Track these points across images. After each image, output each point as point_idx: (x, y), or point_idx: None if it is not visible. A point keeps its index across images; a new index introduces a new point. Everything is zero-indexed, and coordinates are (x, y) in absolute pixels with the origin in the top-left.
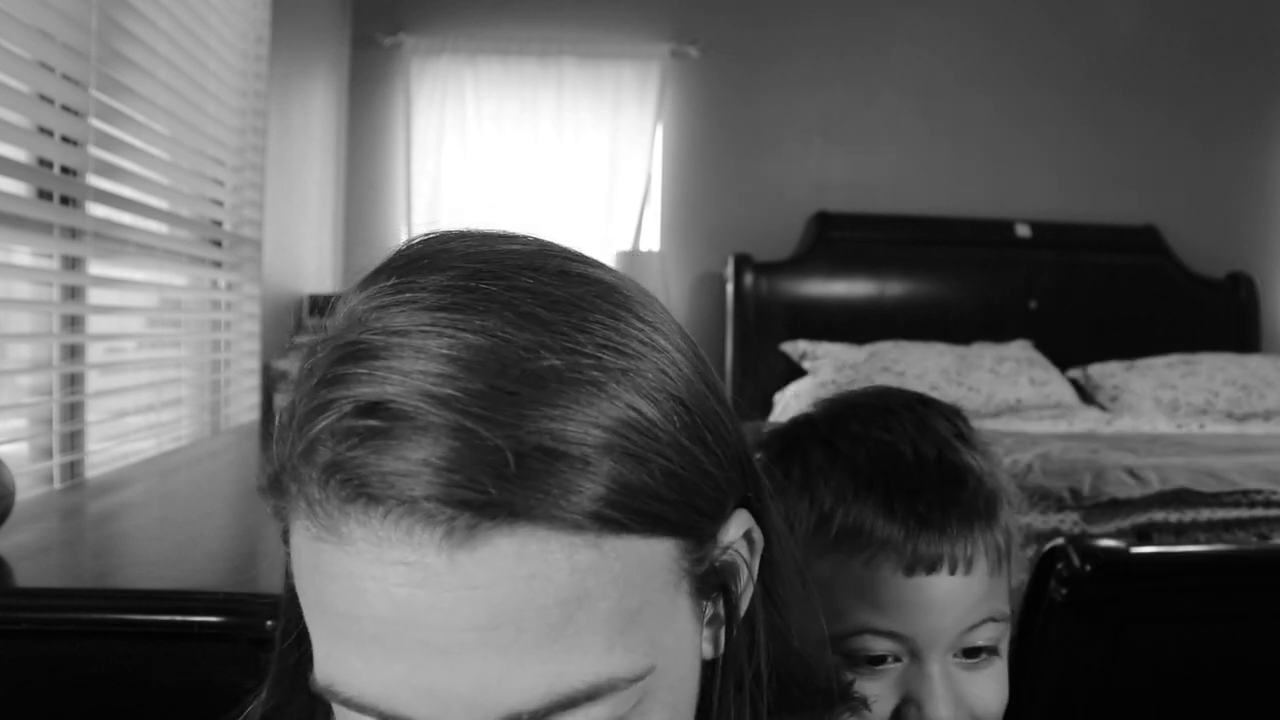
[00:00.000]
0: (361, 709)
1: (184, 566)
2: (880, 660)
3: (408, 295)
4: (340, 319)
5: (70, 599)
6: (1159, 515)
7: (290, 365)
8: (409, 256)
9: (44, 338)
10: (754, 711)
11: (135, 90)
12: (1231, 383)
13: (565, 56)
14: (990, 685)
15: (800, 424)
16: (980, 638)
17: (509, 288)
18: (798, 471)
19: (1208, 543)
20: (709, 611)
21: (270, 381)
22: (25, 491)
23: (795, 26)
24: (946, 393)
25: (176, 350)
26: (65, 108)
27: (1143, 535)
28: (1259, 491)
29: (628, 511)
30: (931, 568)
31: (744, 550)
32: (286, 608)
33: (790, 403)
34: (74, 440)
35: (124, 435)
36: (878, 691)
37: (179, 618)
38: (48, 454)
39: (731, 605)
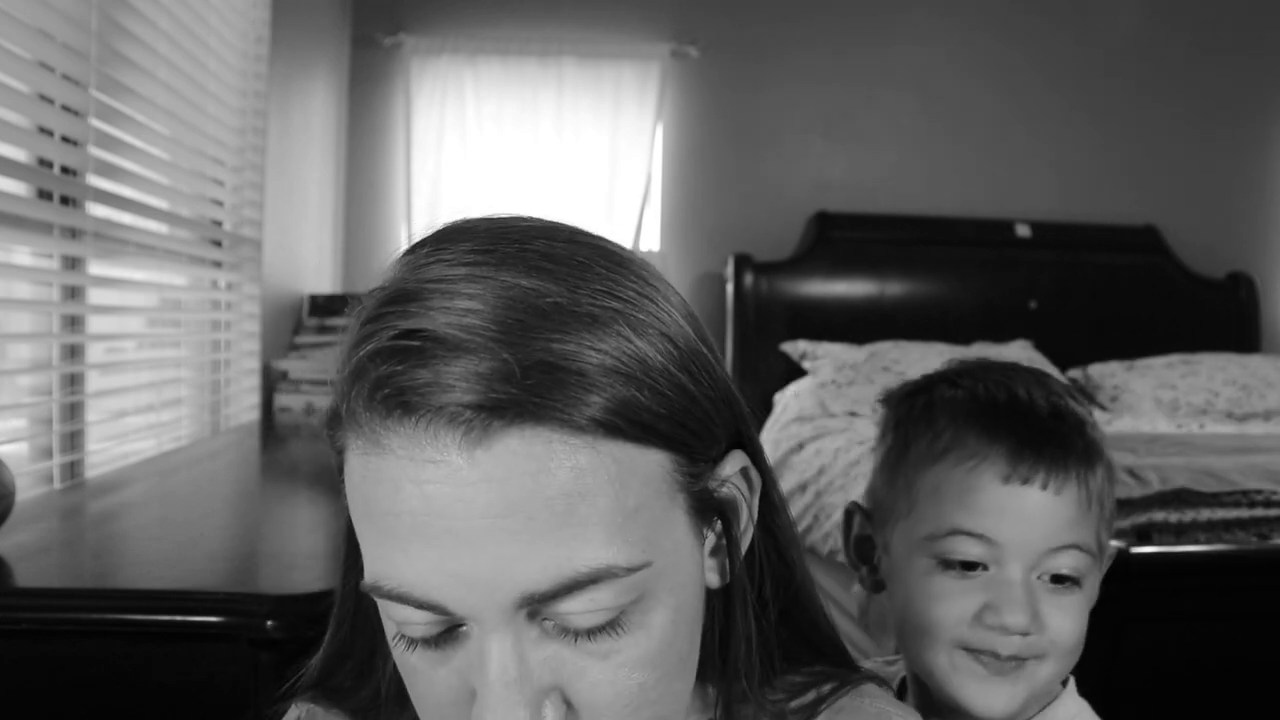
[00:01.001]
0: (402, 599)
1: (184, 567)
2: (971, 567)
3: (441, 257)
4: (384, 279)
5: (70, 599)
6: (1159, 515)
7: (291, 365)
8: (442, 231)
9: (44, 338)
10: (762, 635)
11: (135, 90)
12: (1231, 383)
13: (565, 56)
14: (1069, 613)
15: (933, 375)
16: (1064, 564)
17: (523, 249)
18: (922, 402)
19: (1208, 543)
20: (710, 540)
21: (270, 381)
22: (25, 491)
23: (795, 26)
24: None
25: (176, 350)
26: (65, 108)
27: (1142, 535)
28: (1259, 492)
29: (620, 419)
30: (1026, 480)
31: (742, 487)
32: (347, 557)
33: (790, 402)
34: (74, 440)
35: (124, 435)
36: (962, 594)
37: (179, 618)
38: (48, 454)
39: (732, 536)
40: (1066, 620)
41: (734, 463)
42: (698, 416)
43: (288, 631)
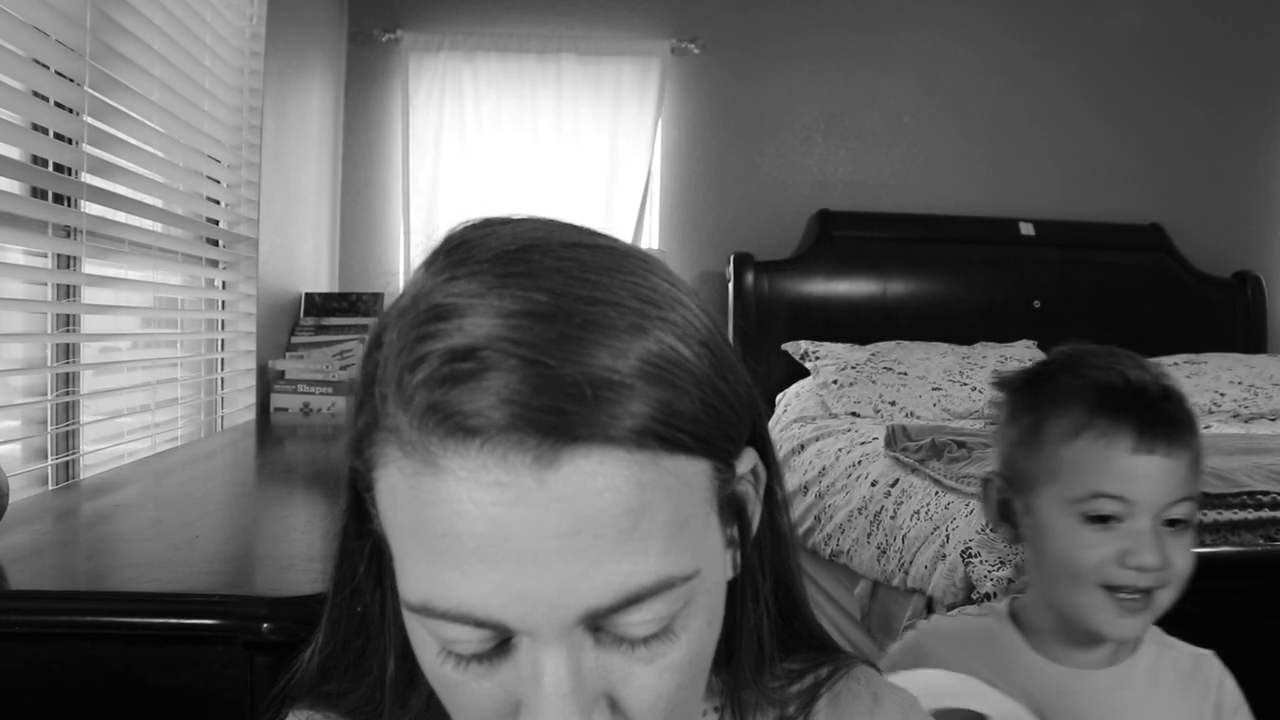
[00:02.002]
0: (459, 619)
1: (179, 569)
2: (1107, 519)
3: (472, 267)
4: (408, 296)
5: (64, 601)
6: None
7: (287, 365)
8: (461, 239)
9: (38, 337)
10: (768, 625)
11: (130, 87)
12: (1238, 383)
13: (565, 53)
14: (1184, 548)
15: (1041, 364)
16: (1180, 512)
17: (558, 258)
18: (1048, 390)
19: (1214, 545)
20: (727, 535)
21: (267, 381)
22: (19, 493)
23: (796, 23)
24: (950, 393)
25: (172, 350)
26: (59, 105)
27: None
28: (1266, 493)
29: (679, 432)
30: (1150, 450)
31: (753, 482)
32: (340, 564)
33: (792, 403)
34: (68, 441)
35: (119, 436)
36: (1104, 543)
37: (174, 620)
38: (42, 455)
39: (745, 526)
40: (1182, 554)
41: (748, 460)
42: (733, 422)
43: (285, 634)
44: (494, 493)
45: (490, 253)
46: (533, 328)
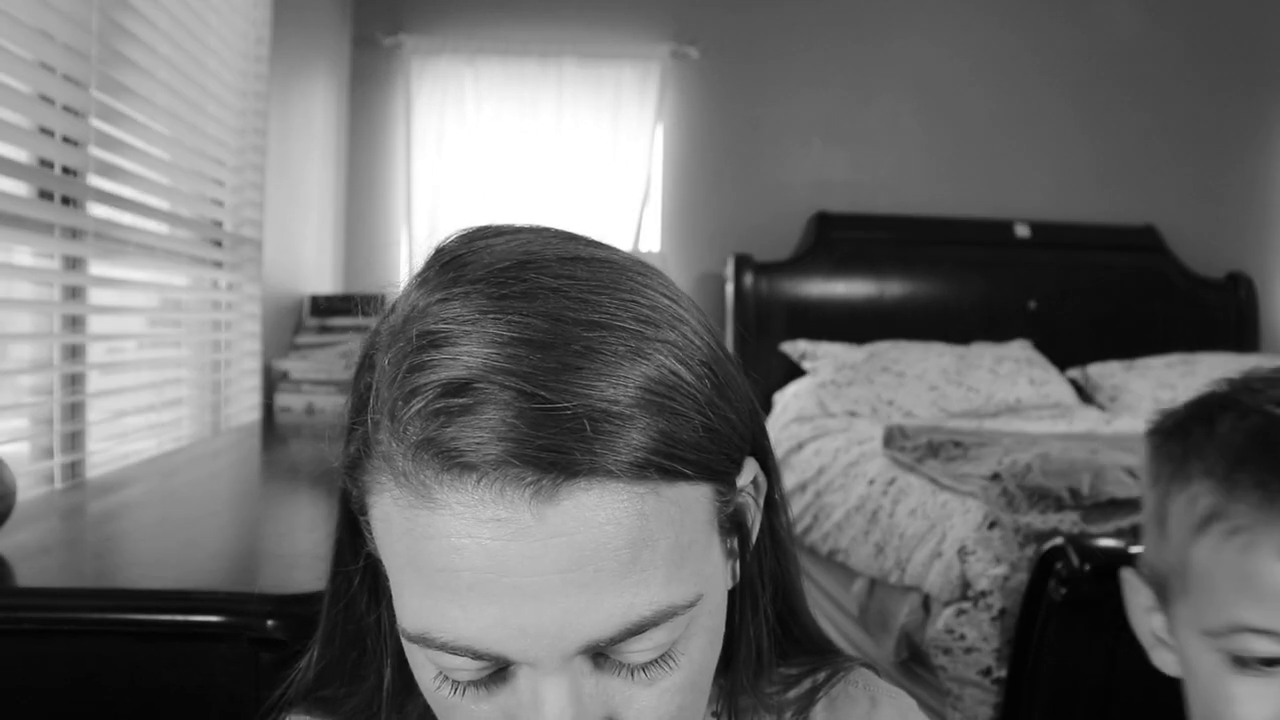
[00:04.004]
0: (456, 651)
1: (185, 566)
2: (1274, 662)
3: (465, 287)
4: (399, 315)
5: (71, 599)
6: None
7: (292, 365)
8: (452, 253)
9: (45, 338)
10: (766, 631)
11: (136, 90)
12: None
13: (565, 57)
14: None
15: (1200, 398)
16: None
17: (555, 276)
18: (1178, 450)
19: None
20: (728, 548)
21: (271, 382)
22: (26, 491)
23: (795, 27)
24: (946, 393)
25: (177, 350)
26: (66, 108)
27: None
28: None
29: (680, 461)
30: None
31: (753, 493)
32: (335, 576)
33: (790, 402)
34: (75, 440)
35: (125, 435)
36: (1262, 697)
37: (180, 617)
38: (49, 454)
39: (745, 537)
40: None
41: (749, 471)
42: (735, 443)
43: (289, 631)
44: (491, 528)
45: (484, 270)
46: (529, 357)
